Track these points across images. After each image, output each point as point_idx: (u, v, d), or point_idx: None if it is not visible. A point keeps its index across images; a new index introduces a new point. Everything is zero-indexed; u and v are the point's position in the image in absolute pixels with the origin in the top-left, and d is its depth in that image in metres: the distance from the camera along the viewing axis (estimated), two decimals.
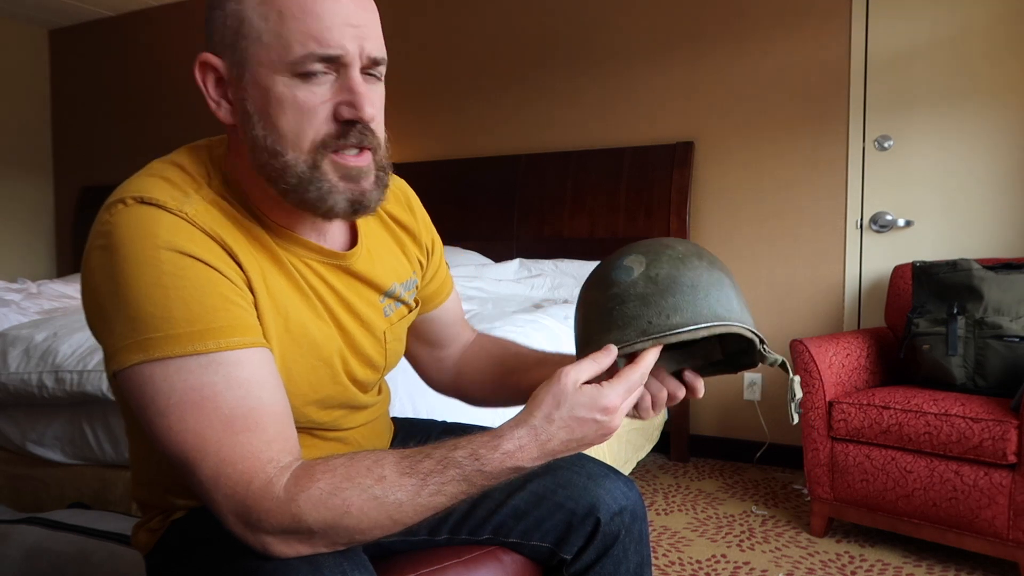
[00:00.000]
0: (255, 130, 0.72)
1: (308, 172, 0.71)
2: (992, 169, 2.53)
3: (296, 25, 0.68)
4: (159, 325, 0.65)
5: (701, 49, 2.97)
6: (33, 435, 1.73)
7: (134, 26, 4.44)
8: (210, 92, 0.75)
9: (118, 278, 0.65)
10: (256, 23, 0.69)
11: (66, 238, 4.70)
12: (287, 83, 0.69)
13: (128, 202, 0.68)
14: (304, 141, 0.71)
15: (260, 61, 0.70)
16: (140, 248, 0.66)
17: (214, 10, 0.72)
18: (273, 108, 0.70)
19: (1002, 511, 1.80)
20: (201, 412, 0.65)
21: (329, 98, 0.71)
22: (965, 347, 2.06)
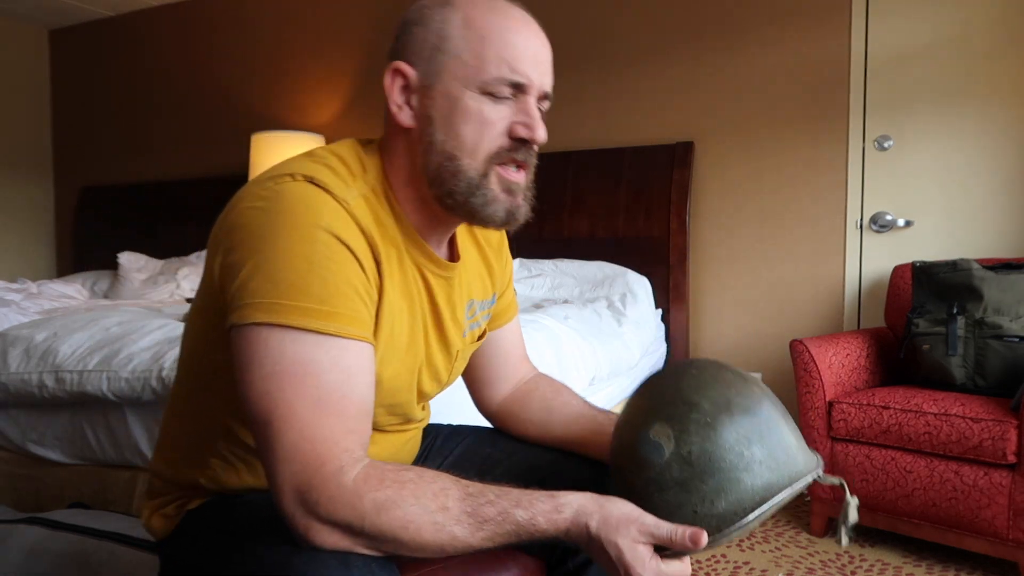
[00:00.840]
0: (436, 135, 0.79)
1: (477, 179, 0.79)
2: (992, 169, 2.53)
3: (495, 51, 0.77)
4: (294, 294, 0.68)
5: (701, 49, 2.97)
6: (33, 435, 1.73)
7: (134, 26, 4.44)
8: (394, 96, 0.81)
9: (271, 240, 0.69)
10: (458, 42, 0.78)
11: (66, 238, 4.70)
12: (475, 98, 0.78)
13: (297, 178, 0.73)
14: (480, 151, 0.79)
15: (455, 75, 0.78)
16: (302, 221, 0.69)
17: (415, 26, 0.80)
18: (458, 117, 0.78)
19: (1002, 511, 1.80)
20: (300, 385, 0.67)
21: (507, 117, 0.79)
22: (965, 347, 2.06)
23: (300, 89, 3.92)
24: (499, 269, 1.01)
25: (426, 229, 0.84)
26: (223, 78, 4.16)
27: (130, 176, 4.47)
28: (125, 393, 1.57)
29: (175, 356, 1.56)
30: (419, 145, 0.80)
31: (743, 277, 2.93)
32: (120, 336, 1.68)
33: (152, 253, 3.97)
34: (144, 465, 1.64)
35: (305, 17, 3.89)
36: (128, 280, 3.71)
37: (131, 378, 1.56)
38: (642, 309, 2.72)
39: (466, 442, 1.07)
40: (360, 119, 3.75)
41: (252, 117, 4.02)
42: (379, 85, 0.83)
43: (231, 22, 4.13)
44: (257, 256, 0.69)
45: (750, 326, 2.92)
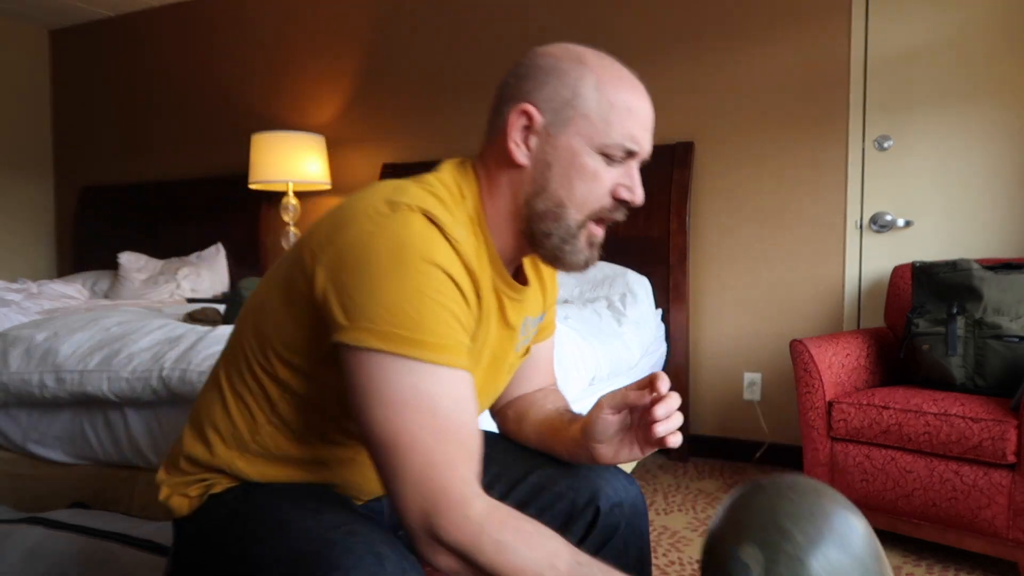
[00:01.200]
0: (551, 181, 0.85)
1: (574, 230, 0.86)
2: (992, 169, 2.53)
3: (621, 119, 0.84)
4: (409, 325, 0.72)
5: (701, 49, 2.97)
6: (34, 435, 1.73)
7: (134, 26, 4.44)
8: (514, 135, 0.85)
9: (389, 269, 0.72)
10: (590, 103, 0.84)
11: (66, 238, 4.71)
12: (593, 157, 0.84)
13: (414, 210, 0.76)
14: (586, 206, 0.85)
15: (580, 131, 0.84)
16: (418, 256, 0.73)
17: (551, 75, 0.85)
18: (575, 171, 0.84)
19: (1002, 511, 1.80)
20: (419, 414, 0.72)
21: (614, 179, 0.86)
22: (965, 347, 2.06)
23: (300, 89, 3.92)
24: (551, 288, 1.07)
25: (507, 255, 0.90)
26: (223, 78, 4.16)
27: (130, 176, 4.47)
28: (125, 393, 1.57)
29: (176, 356, 1.56)
30: (529, 185, 0.86)
31: (743, 277, 2.93)
32: (120, 336, 1.68)
33: (152, 253, 3.97)
34: (145, 465, 1.64)
35: (305, 17, 3.89)
36: (128, 280, 3.72)
37: (131, 378, 1.56)
38: (642, 309, 2.72)
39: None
40: (360, 119, 3.75)
41: (252, 117, 4.02)
42: (378, 85, 0.83)
43: (231, 22, 4.13)
44: (374, 283, 0.72)
45: (750, 326, 2.92)
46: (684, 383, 2.95)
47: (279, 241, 3.78)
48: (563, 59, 0.86)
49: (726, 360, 2.98)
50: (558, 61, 0.86)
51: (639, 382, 0.91)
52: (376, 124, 3.70)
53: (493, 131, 0.88)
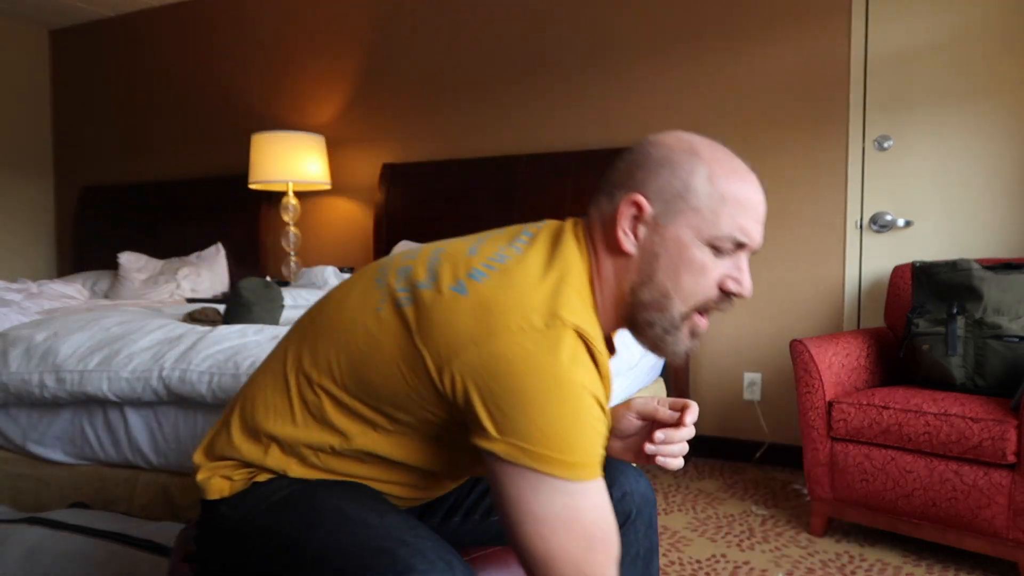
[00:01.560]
0: (658, 272, 0.85)
1: (678, 322, 0.86)
2: (992, 169, 2.53)
3: (732, 212, 0.84)
4: (564, 448, 0.74)
5: (701, 49, 2.97)
6: (34, 435, 1.73)
7: (134, 26, 4.44)
8: (623, 223, 0.85)
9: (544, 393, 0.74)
10: (701, 196, 0.83)
11: (66, 238, 4.71)
12: (702, 249, 0.84)
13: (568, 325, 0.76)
14: (692, 298, 0.85)
15: (689, 224, 0.84)
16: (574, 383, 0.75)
17: (663, 168, 0.85)
18: (683, 263, 0.84)
19: (1002, 511, 1.80)
20: (569, 529, 0.75)
21: (722, 271, 0.86)
22: (965, 347, 2.06)
23: (300, 89, 3.92)
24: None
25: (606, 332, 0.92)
26: (223, 78, 4.16)
27: (130, 176, 4.47)
28: (125, 393, 1.57)
29: (175, 356, 1.56)
30: (635, 273, 0.86)
31: None
32: (120, 336, 1.68)
33: (152, 253, 3.97)
34: (144, 465, 1.64)
35: (305, 17, 3.89)
36: (128, 280, 3.72)
37: (131, 378, 1.56)
38: None
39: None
40: (360, 119, 3.75)
41: (252, 117, 4.02)
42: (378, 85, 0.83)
43: (231, 22, 4.13)
44: (530, 404, 0.74)
45: (750, 326, 2.92)
46: (684, 383, 2.95)
47: (279, 241, 3.78)
48: (676, 150, 0.86)
49: (726, 360, 2.98)
50: (671, 152, 0.86)
51: (673, 401, 0.95)
52: (376, 124, 3.70)
53: (601, 213, 0.88)
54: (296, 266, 3.62)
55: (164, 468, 1.63)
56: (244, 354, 1.54)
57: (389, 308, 0.81)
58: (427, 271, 0.82)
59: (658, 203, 0.84)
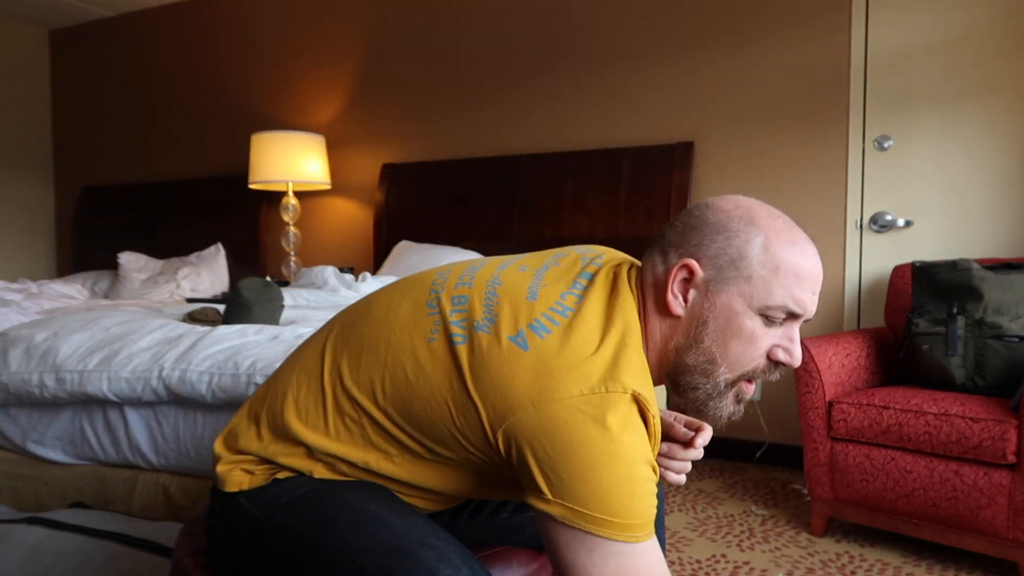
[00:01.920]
0: (706, 338, 0.84)
1: (722, 388, 0.85)
2: (992, 169, 2.53)
3: (785, 283, 0.82)
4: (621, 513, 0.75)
5: (701, 49, 2.97)
6: (34, 435, 1.73)
7: (134, 26, 4.44)
8: (673, 287, 0.85)
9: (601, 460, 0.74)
10: (754, 265, 0.82)
11: (66, 238, 4.71)
12: (752, 318, 0.83)
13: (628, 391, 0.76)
14: (739, 366, 0.84)
15: (741, 292, 0.82)
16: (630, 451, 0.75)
17: (719, 234, 0.84)
18: (732, 332, 0.83)
19: (1002, 511, 1.80)
20: None
21: (771, 340, 0.84)
22: (965, 347, 2.06)
23: (300, 89, 3.92)
24: None
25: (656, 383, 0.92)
26: (223, 78, 4.16)
27: (130, 176, 4.47)
28: (125, 393, 1.57)
29: (175, 356, 1.56)
30: (682, 336, 0.85)
31: None
32: (120, 336, 1.68)
33: (152, 253, 3.97)
34: (144, 465, 1.64)
35: (305, 17, 3.89)
36: (128, 280, 3.72)
37: (131, 378, 1.56)
38: None
39: None
40: (360, 119, 3.75)
41: (252, 117, 4.02)
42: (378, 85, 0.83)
43: (231, 22, 4.13)
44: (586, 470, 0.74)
45: None
46: None
47: (279, 241, 3.78)
48: (733, 216, 0.85)
49: None
50: (728, 218, 0.85)
51: (689, 421, 0.97)
52: (376, 124, 3.70)
53: (654, 272, 0.87)
54: (296, 266, 3.63)
55: (164, 468, 1.63)
56: (244, 354, 1.54)
57: (442, 342, 0.80)
58: (484, 309, 0.81)
59: (711, 269, 0.83)
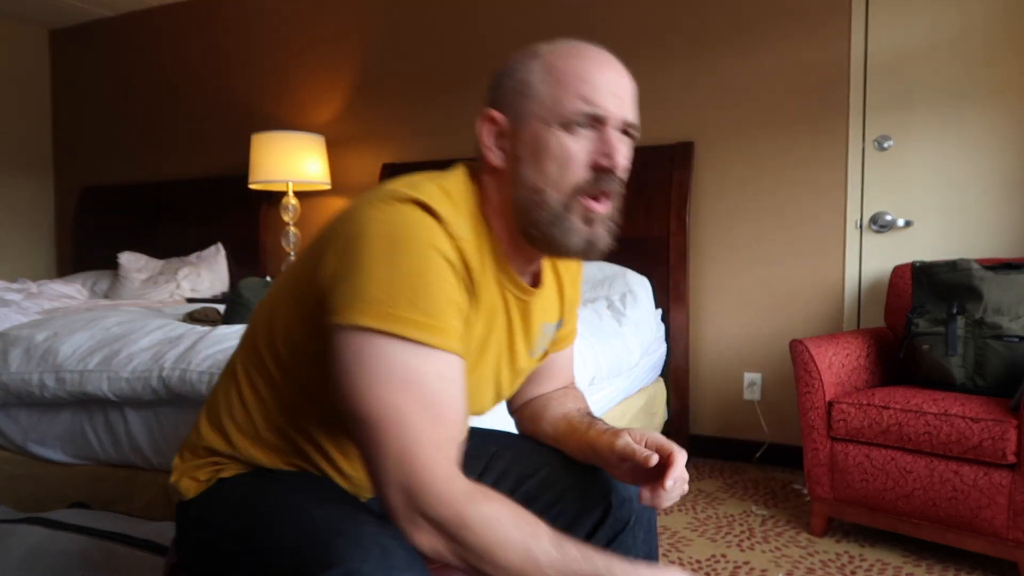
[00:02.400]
0: (524, 172, 0.84)
1: (561, 212, 0.84)
2: (992, 169, 2.53)
3: (572, 88, 0.82)
4: (406, 307, 0.72)
5: (701, 49, 2.97)
6: (34, 435, 1.73)
7: (134, 26, 4.44)
8: (486, 140, 0.87)
9: (385, 251, 0.73)
10: (538, 87, 0.84)
11: (66, 238, 4.70)
12: (556, 134, 0.83)
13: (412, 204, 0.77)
14: (564, 183, 0.83)
15: (537, 116, 0.83)
16: (419, 241, 0.74)
17: (503, 76, 0.88)
18: (542, 154, 0.83)
19: (1002, 511, 1.80)
20: (408, 390, 0.72)
21: (588, 149, 0.83)
22: (965, 347, 2.06)
23: (300, 89, 3.92)
24: (571, 296, 1.06)
25: (513, 256, 0.90)
26: (223, 78, 4.16)
27: (130, 176, 4.47)
28: (125, 393, 1.57)
29: (175, 356, 1.56)
30: (508, 184, 0.86)
31: (743, 277, 2.93)
32: (120, 336, 1.68)
33: (152, 253, 3.97)
34: (145, 465, 1.64)
35: (305, 17, 3.89)
36: (128, 280, 3.72)
37: (131, 378, 1.56)
38: (642, 309, 2.72)
39: (474, 438, 1.08)
40: (360, 119, 3.75)
41: (252, 117, 4.02)
42: (378, 85, 0.85)
43: (231, 22, 4.13)
44: (371, 264, 0.73)
45: (750, 326, 2.92)
46: (684, 383, 2.95)
47: (279, 241, 3.78)
48: (517, 58, 0.88)
49: (726, 360, 2.97)
50: (512, 61, 0.88)
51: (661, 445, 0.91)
52: (376, 124, 3.70)
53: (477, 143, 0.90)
54: None
55: (164, 468, 1.63)
56: None
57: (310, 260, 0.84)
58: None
59: (508, 110, 0.86)
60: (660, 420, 2.87)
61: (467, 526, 0.70)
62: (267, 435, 0.88)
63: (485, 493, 0.74)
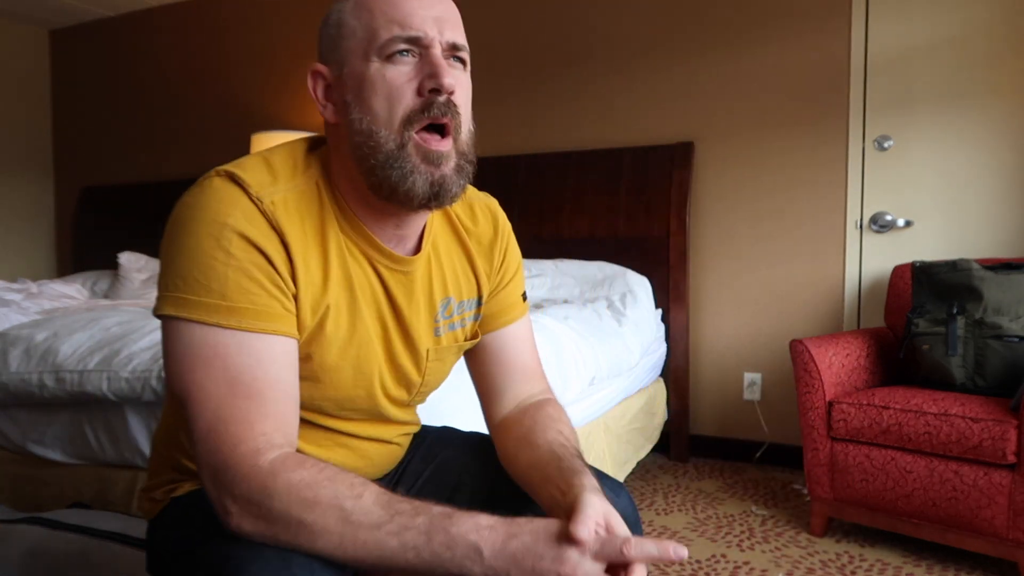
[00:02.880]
0: (352, 115, 0.78)
1: (395, 151, 0.76)
2: (992, 169, 2.53)
3: (382, 15, 0.77)
4: (198, 291, 0.71)
5: (701, 49, 2.97)
6: (33, 435, 1.73)
7: (134, 26, 4.44)
8: (319, 97, 0.83)
9: (182, 238, 0.72)
10: (351, 23, 0.79)
11: (66, 238, 4.70)
12: (377, 67, 0.77)
13: (220, 174, 0.75)
14: (394, 117, 0.77)
15: (355, 53, 0.78)
16: (211, 220, 0.72)
17: (322, 27, 0.84)
18: (367, 91, 0.77)
19: (1002, 511, 1.80)
20: (209, 367, 0.70)
21: (413, 76, 0.77)
22: (965, 347, 2.06)
23: (300, 89, 3.91)
24: (487, 268, 0.97)
25: (374, 222, 0.83)
26: (223, 78, 4.16)
27: (130, 176, 4.47)
28: (125, 393, 1.57)
29: None
30: (345, 134, 0.80)
31: (743, 277, 2.93)
32: (120, 336, 1.68)
33: (152, 253, 3.97)
34: (144, 465, 1.64)
35: (305, 17, 3.89)
36: (128, 280, 3.71)
37: (131, 378, 1.56)
38: (642, 309, 2.72)
39: (452, 448, 1.03)
40: None
41: (252, 117, 4.02)
42: None
43: (231, 22, 4.13)
44: (172, 249, 0.73)
45: (750, 326, 2.92)
46: (684, 383, 2.95)
47: None
48: (331, 9, 0.83)
49: (726, 360, 2.97)
50: (328, 14, 0.84)
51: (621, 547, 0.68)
52: None
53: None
54: None
55: None
56: None
57: None
58: None
59: (330, 60, 0.82)
60: (660, 420, 2.87)
61: (272, 496, 0.66)
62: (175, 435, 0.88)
63: (299, 460, 0.69)
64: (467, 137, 0.81)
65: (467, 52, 0.81)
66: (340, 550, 0.66)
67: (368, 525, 0.66)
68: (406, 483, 1.00)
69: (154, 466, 0.92)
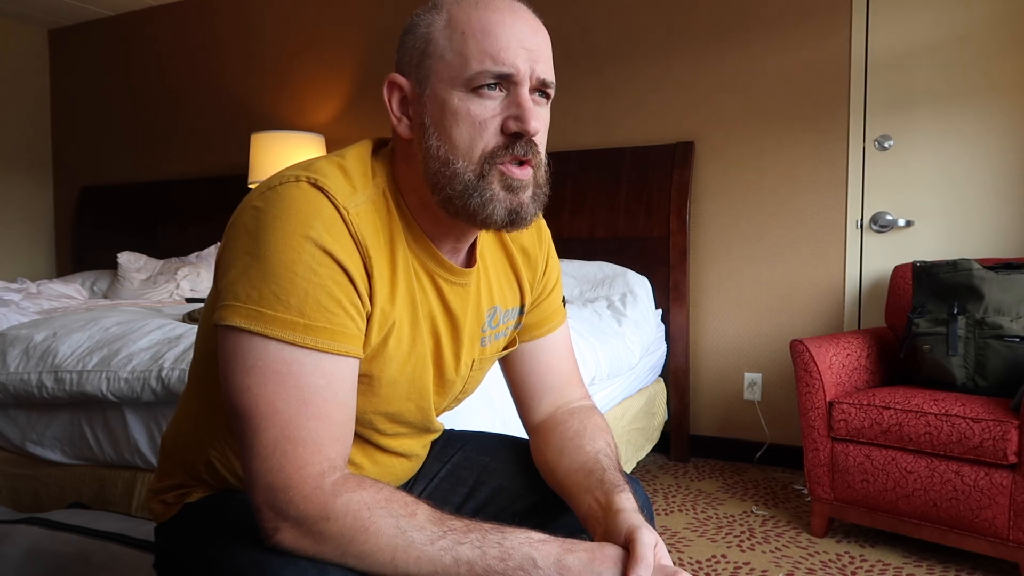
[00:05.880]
0: (430, 140, 0.77)
1: (474, 181, 0.75)
2: (992, 169, 2.53)
3: (476, 44, 0.74)
4: (274, 305, 0.68)
5: (701, 49, 2.97)
6: (33, 435, 1.73)
7: (134, 26, 4.44)
8: (394, 109, 0.80)
9: (260, 246, 0.69)
10: (441, 43, 0.76)
11: (66, 238, 4.70)
12: (462, 97, 0.75)
13: (301, 180, 0.72)
14: (474, 151, 0.75)
15: (440, 77, 0.75)
16: (291, 231, 0.69)
17: (406, 35, 0.80)
18: (448, 120, 0.75)
19: (1002, 511, 1.80)
20: (282, 384, 0.68)
21: (499, 113, 0.75)
22: (965, 347, 2.05)
23: (300, 89, 3.91)
24: (531, 278, 0.97)
25: (437, 235, 0.83)
26: (223, 78, 4.16)
27: (130, 176, 4.47)
28: (124, 393, 1.56)
29: (175, 356, 1.56)
30: (419, 155, 0.78)
31: (743, 277, 2.93)
32: (120, 336, 1.68)
33: (152, 253, 3.97)
34: (144, 465, 1.64)
35: (305, 17, 3.88)
36: (128, 280, 3.71)
37: (130, 378, 1.56)
38: (642, 309, 2.72)
39: (467, 447, 1.05)
40: (360, 119, 3.74)
41: (252, 117, 4.02)
42: (378, 85, 0.83)
43: (231, 22, 4.12)
44: (246, 258, 0.69)
45: (750, 326, 2.92)
46: (684, 383, 2.95)
47: None
48: (419, 11, 0.79)
49: (726, 360, 2.97)
50: (413, 16, 0.80)
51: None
52: (376, 124, 3.70)
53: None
54: None
55: None
56: None
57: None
58: None
59: (411, 73, 0.78)
60: (660, 420, 2.86)
61: (329, 517, 0.66)
62: (198, 442, 0.85)
63: (359, 481, 0.69)
64: (544, 168, 0.81)
65: (553, 88, 0.80)
66: (391, 567, 0.67)
67: (422, 542, 0.67)
68: (420, 484, 1.01)
69: (163, 468, 0.90)
